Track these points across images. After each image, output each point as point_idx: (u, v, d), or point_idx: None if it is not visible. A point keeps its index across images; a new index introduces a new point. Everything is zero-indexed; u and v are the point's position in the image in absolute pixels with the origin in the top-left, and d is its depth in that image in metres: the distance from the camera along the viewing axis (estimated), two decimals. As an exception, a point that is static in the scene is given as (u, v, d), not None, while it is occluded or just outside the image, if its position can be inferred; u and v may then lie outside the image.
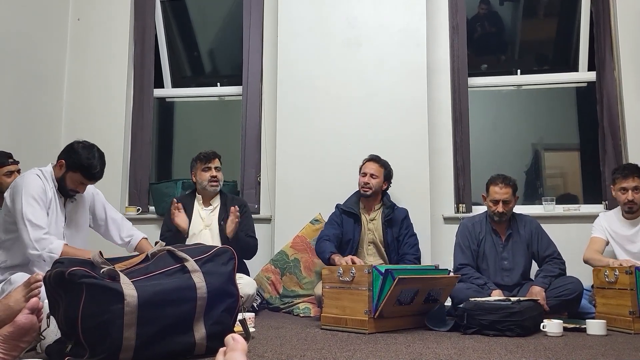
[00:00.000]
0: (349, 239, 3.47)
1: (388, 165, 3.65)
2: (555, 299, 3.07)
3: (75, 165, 2.68)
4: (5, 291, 2.44)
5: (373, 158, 3.63)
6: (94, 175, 2.74)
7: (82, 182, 2.74)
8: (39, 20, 4.29)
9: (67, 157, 2.71)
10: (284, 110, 4.21)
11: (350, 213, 3.52)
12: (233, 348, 0.96)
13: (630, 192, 3.24)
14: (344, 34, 4.23)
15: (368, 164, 3.60)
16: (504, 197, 3.27)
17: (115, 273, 1.85)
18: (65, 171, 2.71)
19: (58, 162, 2.74)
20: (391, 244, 3.48)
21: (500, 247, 3.35)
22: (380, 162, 3.62)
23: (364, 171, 3.58)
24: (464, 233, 3.41)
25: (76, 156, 2.69)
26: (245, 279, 3.24)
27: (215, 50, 5.28)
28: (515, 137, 4.67)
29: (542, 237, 3.34)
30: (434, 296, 2.90)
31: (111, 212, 3.02)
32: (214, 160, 3.47)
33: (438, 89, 4.21)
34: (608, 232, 3.37)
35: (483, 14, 4.85)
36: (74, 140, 2.78)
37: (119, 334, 1.76)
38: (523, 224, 3.38)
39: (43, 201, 2.64)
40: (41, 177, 2.69)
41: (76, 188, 2.76)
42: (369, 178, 3.53)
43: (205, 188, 3.46)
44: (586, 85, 4.37)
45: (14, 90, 4.00)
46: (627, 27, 4.05)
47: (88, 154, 2.71)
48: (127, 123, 4.54)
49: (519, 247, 3.33)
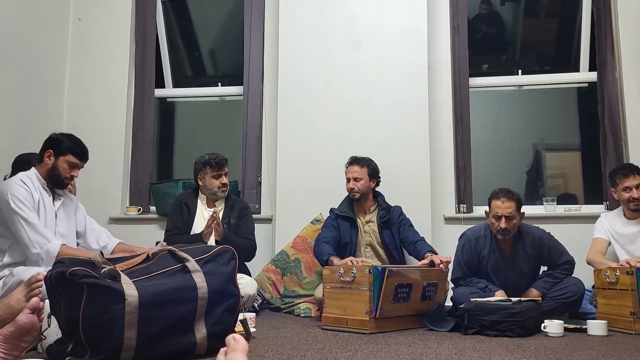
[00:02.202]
0: (346, 242, 3.46)
1: (371, 162, 3.56)
2: (557, 301, 3.06)
3: (64, 148, 2.77)
4: (8, 284, 2.45)
5: (352, 161, 3.56)
6: (83, 153, 2.83)
7: (75, 163, 2.80)
8: (40, 20, 4.29)
9: (52, 145, 2.78)
10: (285, 110, 4.21)
11: (345, 217, 3.50)
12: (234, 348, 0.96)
13: (634, 189, 3.24)
14: (345, 33, 4.23)
15: (349, 168, 3.55)
16: (506, 212, 3.05)
17: (116, 273, 1.85)
18: (55, 159, 2.76)
19: (45, 154, 2.77)
20: (390, 244, 3.47)
21: (503, 264, 3.18)
22: (361, 163, 3.54)
23: (347, 177, 3.54)
24: (465, 248, 3.22)
25: (61, 142, 2.79)
26: (246, 279, 3.24)
27: (216, 50, 5.28)
28: (516, 137, 4.67)
29: (552, 250, 3.16)
30: (429, 293, 2.91)
31: (90, 223, 3.02)
32: (225, 167, 3.48)
33: (439, 89, 4.21)
34: (610, 232, 3.37)
35: (484, 14, 4.85)
36: (51, 133, 2.87)
37: (120, 333, 1.76)
38: (530, 240, 3.16)
39: (30, 203, 2.65)
40: (25, 181, 2.69)
41: (70, 173, 2.80)
42: (353, 183, 3.50)
43: (215, 194, 3.47)
44: (587, 86, 4.37)
45: (15, 90, 4.00)
46: (628, 27, 4.05)
47: (70, 137, 2.83)
48: (128, 123, 4.54)
49: (525, 264, 3.17)
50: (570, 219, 3.95)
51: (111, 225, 4.33)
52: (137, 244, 3.10)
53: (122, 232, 4.15)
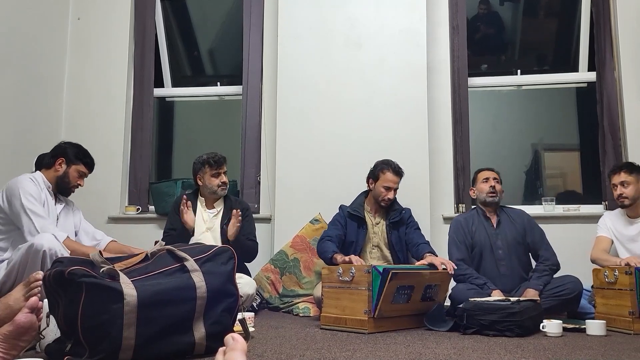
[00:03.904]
0: (351, 241, 3.42)
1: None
2: (555, 298, 3.07)
3: (77, 157, 2.93)
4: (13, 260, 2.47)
5: (397, 172, 3.44)
6: (93, 164, 3.02)
7: (84, 173, 2.97)
8: (39, 19, 4.29)
9: (64, 154, 2.92)
10: (284, 110, 4.21)
11: (356, 216, 3.45)
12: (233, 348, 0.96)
13: (619, 186, 3.28)
14: (345, 34, 4.23)
15: (393, 178, 3.41)
16: (492, 176, 3.47)
17: (115, 272, 1.85)
18: (67, 167, 2.90)
19: (57, 161, 2.89)
20: (396, 245, 3.44)
21: (493, 234, 3.38)
22: (402, 175, 3.48)
23: (387, 185, 3.41)
24: (457, 228, 3.44)
25: (72, 150, 2.94)
26: (244, 278, 3.23)
27: (216, 50, 5.28)
28: (515, 137, 4.67)
29: (535, 229, 3.40)
30: (430, 294, 2.91)
31: (85, 225, 3.11)
32: (224, 166, 3.47)
33: (438, 89, 4.21)
34: (612, 231, 3.38)
35: (483, 14, 4.85)
36: (61, 142, 3.02)
37: (119, 333, 1.75)
38: (512, 212, 3.48)
39: (39, 201, 2.75)
40: (34, 180, 2.81)
41: (78, 182, 2.96)
42: (393, 193, 3.44)
43: (215, 192, 3.45)
44: (586, 86, 4.38)
45: (14, 89, 4.00)
46: (627, 27, 4.05)
47: (80, 147, 2.99)
48: (127, 122, 4.54)
49: (513, 235, 3.37)
50: (569, 219, 3.95)
51: (110, 224, 4.33)
52: (136, 243, 3.11)
53: (121, 232, 4.16)
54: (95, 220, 4.16)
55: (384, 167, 3.44)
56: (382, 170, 3.44)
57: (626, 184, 3.27)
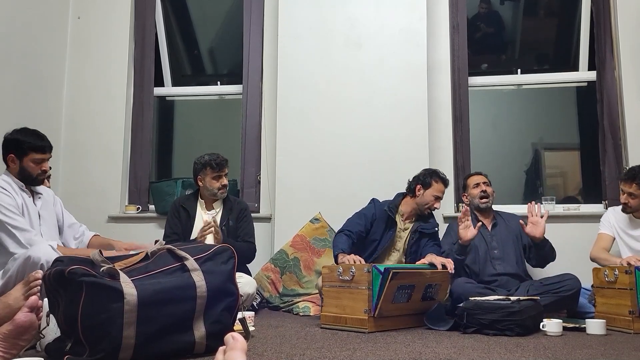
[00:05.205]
0: (374, 240, 3.31)
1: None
2: (554, 295, 3.07)
3: (25, 148, 2.66)
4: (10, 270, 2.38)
5: (448, 183, 3.45)
6: (44, 147, 2.71)
7: (40, 158, 2.70)
8: (39, 18, 4.29)
9: (10, 149, 2.68)
10: (284, 109, 4.21)
11: (388, 216, 3.33)
12: (233, 347, 0.96)
13: (626, 195, 3.27)
14: (345, 33, 4.23)
15: (444, 188, 3.40)
16: (482, 180, 3.53)
17: (115, 271, 1.85)
18: (19, 162, 2.68)
19: (7, 159, 2.69)
20: (413, 252, 3.34)
21: (488, 235, 3.44)
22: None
23: (440, 195, 3.37)
24: (450, 232, 3.50)
25: (19, 142, 2.67)
26: (245, 277, 3.23)
27: (216, 49, 5.28)
28: (516, 136, 4.67)
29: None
30: (431, 293, 2.91)
31: (67, 218, 2.97)
32: (225, 169, 3.45)
33: (438, 88, 4.21)
34: (615, 228, 3.37)
35: (483, 14, 4.85)
36: (5, 134, 2.75)
37: (119, 332, 1.76)
38: (509, 218, 3.55)
39: (16, 208, 2.59)
40: (5, 187, 2.63)
41: (41, 168, 2.71)
42: (439, 203, 3.41)
43: (215, 195, 3.45)
44: (586, 85, 4.37)
45: (14, 88, 4.00)
46: (627, 27, 4.05)
47: (26, 133, 2.70)
48: (127, 121, 4.54)
49: (508, 237, 3.44)
50: (569, 219, 3.95)
51: (110, 223, 4.34)
52: (136, 242, 3.09)
53: (121, 231, 4.16)
54: (95, 219, 4.18)
55: (437, 177, 3.41)
56: (435, 179, 3.39)
57: (633, 196, 3.25)
